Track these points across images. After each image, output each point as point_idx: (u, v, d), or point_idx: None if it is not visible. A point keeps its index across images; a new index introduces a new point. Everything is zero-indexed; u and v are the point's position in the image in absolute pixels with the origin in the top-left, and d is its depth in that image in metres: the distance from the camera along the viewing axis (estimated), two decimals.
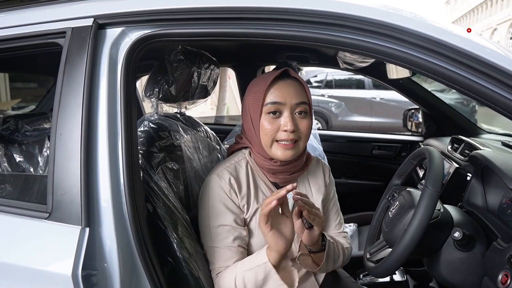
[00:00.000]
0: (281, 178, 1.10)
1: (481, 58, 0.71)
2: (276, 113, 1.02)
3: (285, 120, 1.02)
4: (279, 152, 1.03)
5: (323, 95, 7.68)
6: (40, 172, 1.37)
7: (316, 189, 1.19)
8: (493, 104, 0.72)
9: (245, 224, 1.09)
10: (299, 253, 1.09)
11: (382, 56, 0.78)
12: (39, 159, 1.39)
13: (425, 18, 0.78)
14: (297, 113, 1.04)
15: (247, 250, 1.09)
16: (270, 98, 1.02)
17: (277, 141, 1.03)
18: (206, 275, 1.04)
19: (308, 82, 7.71)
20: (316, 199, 1.18)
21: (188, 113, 1.42)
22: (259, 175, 1.12)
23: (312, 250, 1.08)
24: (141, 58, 0.93)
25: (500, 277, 0.83)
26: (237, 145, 1.18)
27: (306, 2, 0.80)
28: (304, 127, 1.04)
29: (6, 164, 1.37)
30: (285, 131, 1.01)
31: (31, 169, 1.37)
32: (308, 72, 7.48)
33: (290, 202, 1.09)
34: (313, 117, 2.37)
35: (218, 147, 1.43)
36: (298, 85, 1.05)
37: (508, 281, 0.80)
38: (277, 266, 0.96)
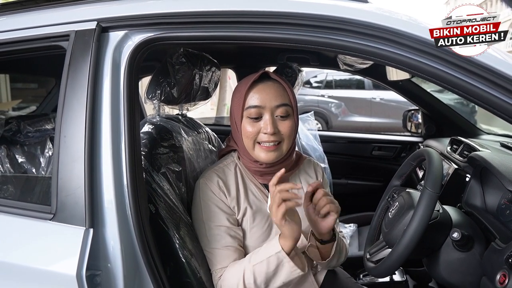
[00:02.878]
0: (269, 180, 1.08)
1: (479, 62, 0.72)
2: (257, 116, 1.03)
3: (265, 123, 1.02)
4: (262, 154, 1.04)
5: (323, 96, 7.68)
6: (42, 173, 1.38)
7: None
8: (491, 107, 0.73)
9: (238, 224, 1.09)
10: (309, 243, 1.08)
11: (381, 59, 0.79)
12: (41, 160, 1.40)
13: (421, 21, 0.79)
14: (278, 116, 1.04)
15: None
16: (250, 102, 1.03)
17: (258, 143, 1.04)
18: (208, 274, 1.05)
19: (308, 82, 7.70)
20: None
21: (188, 114, 1.43)
22: (248, 177, 1.13)
23: (323, 240, 1.07)
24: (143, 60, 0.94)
25: (498, 277, 0.84)
26: (226, 148, 1.19)
27: (305, 6, 0.81)
28: (286, 129, 1.04)
29: (8, 165, 1.38)
30: (265, 133, 1.02)
31: (33, 170, 1.38)
32: (308, 73, 7.46)
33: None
34: (313, 118, 2.34)
35: (217, 150, 1.43)
36: (279, 87, 1.05)
37: (506, 281, 0.81)
38: (289, 254, 0.96)
